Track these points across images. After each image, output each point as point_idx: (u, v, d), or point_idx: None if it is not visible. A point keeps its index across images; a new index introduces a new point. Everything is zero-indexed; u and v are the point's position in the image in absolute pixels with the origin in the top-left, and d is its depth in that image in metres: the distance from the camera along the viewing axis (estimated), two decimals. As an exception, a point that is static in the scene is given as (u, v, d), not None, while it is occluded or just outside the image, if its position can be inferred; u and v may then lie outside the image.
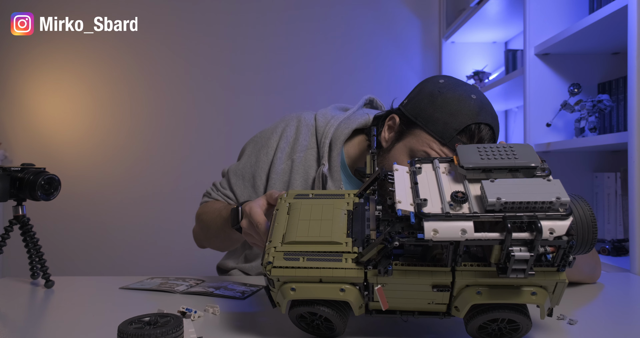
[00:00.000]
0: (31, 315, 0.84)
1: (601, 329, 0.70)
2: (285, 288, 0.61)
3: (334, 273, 0.59)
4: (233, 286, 0.99)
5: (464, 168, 0.60)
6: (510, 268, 0.54)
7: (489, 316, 0.59)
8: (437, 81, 1.02)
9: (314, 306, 0.62)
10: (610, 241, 1.45)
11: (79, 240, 2.66)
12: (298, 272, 0.60)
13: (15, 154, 2.69)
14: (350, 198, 0.68)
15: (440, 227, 0.54)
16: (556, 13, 1.68)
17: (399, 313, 0.63)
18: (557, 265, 0.56)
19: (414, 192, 0.60)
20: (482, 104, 0.96)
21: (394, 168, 0.65)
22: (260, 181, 1.13)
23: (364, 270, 0.59)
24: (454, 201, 0.56)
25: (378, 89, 2.67)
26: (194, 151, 2.65)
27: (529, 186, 0.55)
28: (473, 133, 0.95)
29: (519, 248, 0.53)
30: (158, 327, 0.59)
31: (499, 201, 0.53)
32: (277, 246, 0.62)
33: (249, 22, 2.65)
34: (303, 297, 0.61)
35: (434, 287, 0.59)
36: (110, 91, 2.68)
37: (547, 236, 0.52)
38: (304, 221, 0.65)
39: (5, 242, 1.00)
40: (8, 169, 0.97)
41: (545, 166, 0.60)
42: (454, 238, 0.54)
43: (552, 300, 0.60)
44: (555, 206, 0.53)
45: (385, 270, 0.57)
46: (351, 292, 0.60)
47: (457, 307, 0.60)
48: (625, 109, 1.49)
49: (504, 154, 0.60)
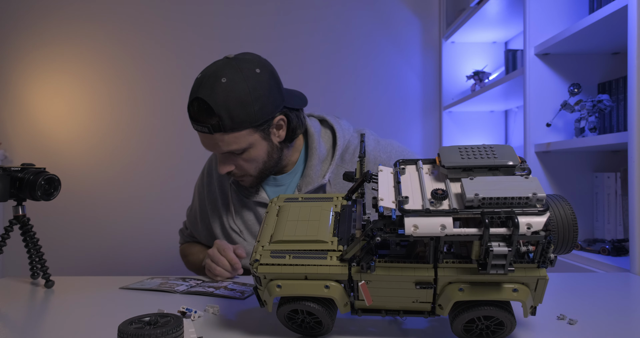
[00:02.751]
0: (31, 315, 0.84)
1: (601, 329, 0.70)
2: (271, 285, 0.62)
3: (318, 270, 0.61)
4: (233, 286, 0.99)
5: (445, 167, 0.62)
6: (490, 264, 0.55)
7: (472, 314, 0.60)
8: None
9: (301, 302, 0.63)
10: (610, 241, 1.45)
11: (79, 240, 2.66)
12: (284, 269, 0.61)
13: (15, 154, 2.69)
14: (339, 201, 0.71)
15: (420, 223, 0.55)
16: (556, 13, 1.68)
17: (384, 312, 0.65)
18: (537, 262, 0.57)
19: (396, 190, 0.62)
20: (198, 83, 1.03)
21: (379, 168, 0.67)
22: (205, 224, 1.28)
23: (348, 266, 0.60)
24: (434, 197, 0.58)
25: (378, 89, 2.67)
26: (194, 151, 2.65)
27: (507, 183, 0.57)
28: (189, 111, 1.02)
29: (497, 244, 0.55)
30: (158, 327, 0.59)
31: (477, 197, 0.55)
32: (265, 245, 0.64)
33: (247, 23, 2.65)
34: (289, 293, 0.62)
35: (417, 284, 0.60)
36: (109, 92, 2.68)
37: (524, 232, 0.53)
38: (291, 222, 0.67)
39: (5, 242, 1.00)
40: (8, 169, 0.97)
41: (525, 166, 0.61)
42: (434, 233, 0.55)
43: (534, 298, 0.60)
44: (532, 201, 0.55)
45: (367, 266, 0.59)
46: (336, 289, 0.61)
47: (440, 305, 0.61)
48: (625, 109, 1.49)
49: (484, 154, 0.62)
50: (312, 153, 1.16)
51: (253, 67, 1.03)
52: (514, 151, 0.63)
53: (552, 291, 0.94)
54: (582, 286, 0.99)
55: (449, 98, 2.58)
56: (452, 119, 2.60)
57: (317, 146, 1.17)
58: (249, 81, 1.01)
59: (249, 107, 1.00)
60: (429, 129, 2.68)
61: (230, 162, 1.09)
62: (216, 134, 1.02)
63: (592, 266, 1.35)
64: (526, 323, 0.72)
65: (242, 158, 1.08)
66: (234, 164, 1.09)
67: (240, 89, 1.00)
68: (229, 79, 1.00)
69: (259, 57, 1.08)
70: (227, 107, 0.99)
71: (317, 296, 0.62)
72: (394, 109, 2.67)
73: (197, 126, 1.02)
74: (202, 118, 1.01)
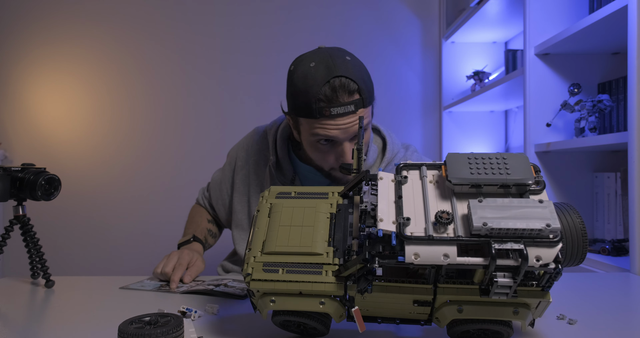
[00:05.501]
0: (31, 315, 0.84)
1: (601, 329, 0.70)
2: (265, 299, 0.60)
3: (313, 287, 0.58)
4: (233, 284, 0.99)
5: (452, 183, 0.57)
6: (493, 291, 0.53)
7: (469, 327, 0.59)
8: (290, 69, 1.07)
9: (294, 316, 0.61)
10: (610, 241, 1.45)
11: (80, 240, 2.66)
12: (277, 285, 0.59)
13: (15, 154, 2.69)
14: (334, 197, 0.65)
15: (422, 251, 0.52)
16: (556, 13, 1.68)
17: (380, 320, 0.63)
18: (542, 286, 0.55)
19: (397, 208, 0.57)
20: (327, 65, 0.98)
21: (379, 175, 0.62)
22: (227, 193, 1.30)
23: (344, 284, 0.57)
24: (439, 222, 0.54)
25: (378, 89, 2.65)
26: (194, 150, 2.65)
27: (519, 210, 0.52)
28: (327, 95, 0.96)
29: (503, 274, 0.52)
30: (158, 327, 0.59)
31: (485, 227, 0.51)
32: (257, 256, 0.61)
33: (246, 22, 2.65)
34: (283, 308, 0.60)
35: (415, 302, 0.58)
36: (109, 91, 2.68)
37: (533, 264, 0.50)
38: (284, 227, 0.62)
39: (6, 242, 1.00)
40: (8, 169, 0.97)
41: (540, 179, 0.57)
42: (436, 262, 0.52)
43: (534, 314, 0.59)
44: (545, 233, 0.51)
45: (364, 290, 0.56)
46: (331, 305, 0.59)
47: (437, 318, 0.60)
48: (625, 109, 1.49)
49: (496, 168, 0.57)
50: None
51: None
52: (528, 161, 0.58)
53: (552, 291, 0.94)
54: (582, 286, 0.99)
55: (449, 98, 2.58)
56: (452, 119, 2.60)
57: (367, 150, 1.17)
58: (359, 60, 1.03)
59: (371, 81, 1.04)
60: (429, 129, 2.68)
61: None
62: (358, 111, 0.98)
63: (592, 266, 1.35)
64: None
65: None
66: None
67: (362, 64, 1.03)
68: (351, 56, 1.02)
69: None
70: (364, 80, 1.00)
71: (312, 311, 0.60)
72: (394, 109, 2.67)
73: (341, 107, 0.97)
74: (347, 97, 0.97)
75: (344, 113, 0.97)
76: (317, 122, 1.00)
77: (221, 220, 1.35)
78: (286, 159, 1.19)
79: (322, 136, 1.01)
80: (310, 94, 0.97)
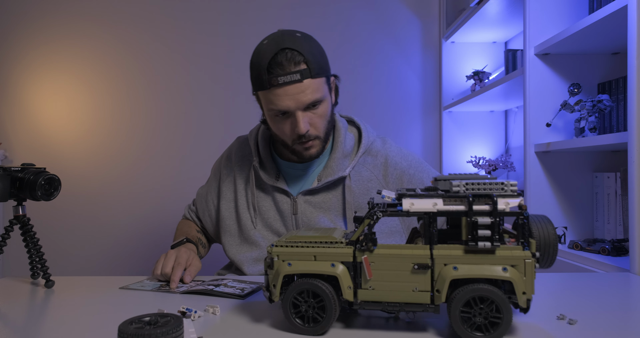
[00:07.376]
0: (31, 315, 0.84)
1: (601, 329, 0.70)
2: (282, 263, 0.70)
3: (326, 250, 0.70)
4: (233, 284, 1.00)
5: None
6: (477, 236, 0.64)
7: (468, 293, 0.64)
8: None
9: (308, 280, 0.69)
10: (610, 241, 1.45)
11: (79, 240, 2.66)
12: (295, 250, 0.71)
13: (15, 154, 2.69)
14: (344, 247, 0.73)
15: (416, 201, 0.67)
16: (556, 13, 1.68)
17: (386, 304, 0.69)
18: (522, 243, 0.65)
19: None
20: (276, 41, 1.07)
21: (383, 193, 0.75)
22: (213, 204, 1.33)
23: (353, 249, 0.69)
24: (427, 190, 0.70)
25: (378, 89, 2.67)
26: (194, 151, 2.65)
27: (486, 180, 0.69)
28: (272, 65, 1.05)
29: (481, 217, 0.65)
30: (158, 327, 0.59)
31: (461, 183, 0.67)
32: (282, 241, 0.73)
33: (247, 21, 2.65)
34: (297, 270, 0.70)
35: (415, 265, 0.67)
36: (109, 91, 2.68)
37: (503, 207, 0.65)
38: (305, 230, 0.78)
39: (6, 242, 1.00)
40: (8, 169, 0.97)
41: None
42: (427, 209, 0.67)
43: (526, 285, 0.64)
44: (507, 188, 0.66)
45: (369, 247, 0.68)
46: (341, 268, 0.69)
47: (438, 290, 0.66)
48: (625, 109, 1.49)
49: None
50: (337, 146, 1.22)
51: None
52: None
53: (552, 291, 0.95)
54: (582, 286, 0.99)
55: (449, 98, 2.58)
56: (452, 119, 2.61)
57: (342, 140, 1.23)
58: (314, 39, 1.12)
59: (324, 57, 1.12)
60: (429, 129, 2.69)
61: (307, 119, 1.11)
62: (305, 81, 1.06)
63: (592, 266, 1.35)
64: (526, 323, 0.72)
65: (316, 114, 1.11)
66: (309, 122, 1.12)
67: (314, 41, 1.11)
68: (302, 34, 1.10)
69: None
70: (312, 53, 1.07)
71: (323, 273, 0.69)
72: (394, 109, 2.68)
73: (287, 76, 1.05)
74: (292, 66, 1.05)
75: (290, 81, 1.05)
76: (269, 94, 1.08)
77: (208, 232, 1.37)
78: (269, 159, 1.25)
79: (275, 108, 1.09)
80: (261, 67, 1.06)
